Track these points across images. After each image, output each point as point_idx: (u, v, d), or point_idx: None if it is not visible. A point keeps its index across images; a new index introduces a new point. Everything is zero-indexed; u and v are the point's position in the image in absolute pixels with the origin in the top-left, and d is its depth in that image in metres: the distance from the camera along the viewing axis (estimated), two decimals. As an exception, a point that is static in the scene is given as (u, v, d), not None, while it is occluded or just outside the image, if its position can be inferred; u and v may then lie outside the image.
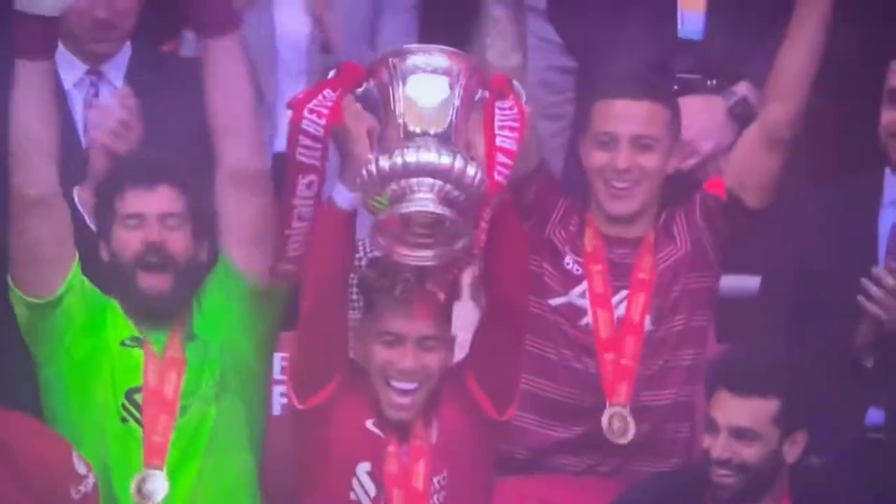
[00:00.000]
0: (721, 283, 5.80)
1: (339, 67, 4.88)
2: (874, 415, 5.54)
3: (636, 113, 5.58)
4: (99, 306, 5.14)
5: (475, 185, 4.58)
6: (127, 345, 5.11)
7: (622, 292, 5.61)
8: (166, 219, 5.06)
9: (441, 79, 4.64)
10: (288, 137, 4.90)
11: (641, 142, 5.55)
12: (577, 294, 5.61)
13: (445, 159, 4.52)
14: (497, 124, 4.77)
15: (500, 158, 4.72)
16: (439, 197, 4.52)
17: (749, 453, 5.04)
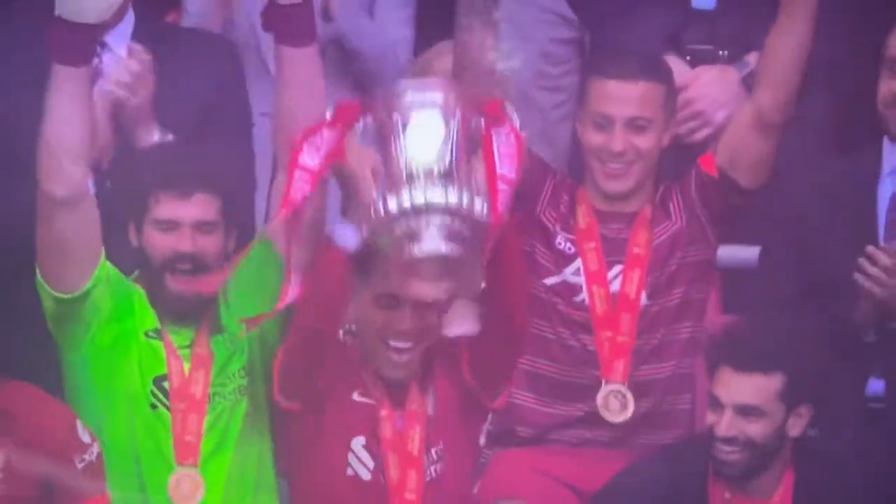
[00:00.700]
0: (721, 253, 5.79)
1: (335, 107, 4.84)
2: (874, 384, 5.54)
3: (630, 94, 5.57)
4: (125, 294, 5.13)
5: (482, 219, 4.57)
6: (151, 336, 5.10)
7: (616, 267, 5.61)
8: (201, 225, 5.05)
9: (438, 113, 4.62)
10: (287, 175, 4.85)
11: (636, 123, 5.56)
12: (571, 272, 5.62)
13: (453, 198, 4.51)
14: (496, 153, 4.74)
15: (502, 187, 4.71)
16: (448, 234, 4.52)
17: (755, 430, 5.04)
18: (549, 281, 5.61)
